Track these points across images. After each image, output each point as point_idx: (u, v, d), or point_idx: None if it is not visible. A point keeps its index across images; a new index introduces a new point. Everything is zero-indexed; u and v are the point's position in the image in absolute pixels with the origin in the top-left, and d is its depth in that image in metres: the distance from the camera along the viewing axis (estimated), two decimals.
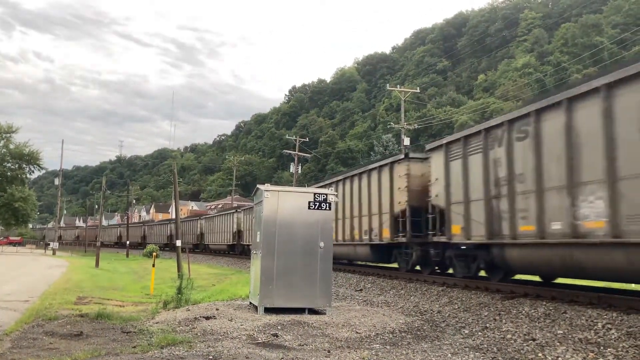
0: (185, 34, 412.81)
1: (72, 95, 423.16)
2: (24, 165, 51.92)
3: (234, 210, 40.21)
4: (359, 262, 21.93)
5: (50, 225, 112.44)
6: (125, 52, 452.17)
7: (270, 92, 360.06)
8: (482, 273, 13.25)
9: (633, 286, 11.36)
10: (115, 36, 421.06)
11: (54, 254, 51.28)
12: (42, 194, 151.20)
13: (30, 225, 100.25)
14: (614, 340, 7.13)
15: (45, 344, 7.41)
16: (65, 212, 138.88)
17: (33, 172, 53.47)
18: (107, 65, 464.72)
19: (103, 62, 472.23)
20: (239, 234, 37.93)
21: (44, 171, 62.93)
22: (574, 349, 7.01)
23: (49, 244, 61.20)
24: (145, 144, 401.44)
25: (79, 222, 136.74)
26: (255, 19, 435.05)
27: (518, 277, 13.40)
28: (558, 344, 7.33)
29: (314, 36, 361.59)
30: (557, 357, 6.78)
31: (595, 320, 8.05)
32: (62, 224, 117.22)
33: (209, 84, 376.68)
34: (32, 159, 51.48)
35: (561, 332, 7.89)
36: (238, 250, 38.39)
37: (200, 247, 49.40)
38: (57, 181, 63.68)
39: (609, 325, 7.70)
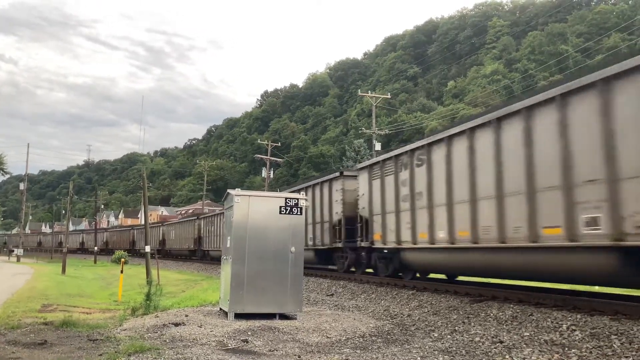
0: (154, 37, 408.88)
1: (37, 99, 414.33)
2: None
3: (195, 218, 42.43)
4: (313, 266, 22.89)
5: (14, 231, 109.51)
6: (92, 55, 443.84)
7: (241, 96, 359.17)
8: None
9: (597, 288, 11.64)
10: (82, 39, 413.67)
11: (18, 260, 49.91)
12: (7, 199, 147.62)
13: None
14: (578, 342, 7.29)
15: (7, 354, 7.20)
16: (30, 217, 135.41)
17: None
18: (73, 68, 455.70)
19: (70, 65, 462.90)
20: (199, 239, 39.59)
21: (8, 176, 61.17)
22: (539, 351, 7.14)
23: (12, 251, 59.51)
24: (113, 148, 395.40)
25: (45, 228, 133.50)
26: (225, 23, 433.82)
27: (486, 280, 13.62)
28: (524, 345, 7.46)
29: (285, 41, 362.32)
30: (524, 358, 6.89)
31: (560, 322, 8.21)
32: (27, 230, 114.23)
33: (178, 88, 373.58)
34: None
35: (528, 334, 8.03)
36: (199, 255, 40.43)
37: (162, 253, 49.61)
38: (22, 186, 62.10)
39: (574, 327, 7.87)
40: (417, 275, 15.23)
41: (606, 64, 8.41)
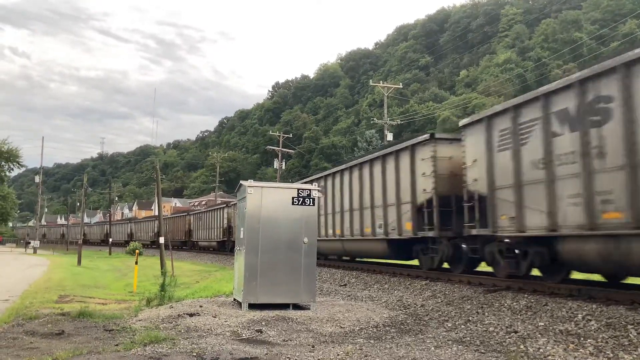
0: (165, 29, 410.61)
1: (50, 92, 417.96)
2: (3, 163, 50.91)
3: (153, 218, 50.78)
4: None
5: (31, 223, 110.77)
6: (104, 48, 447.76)
7: (252, 88, 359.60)
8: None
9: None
10: (93, 32, 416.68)
11: (34, 252, 50.58)
12: (22, 192, 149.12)
13: (10, 224, 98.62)
14: (594, 332, 7.24)
15: (26, 344, 7.30)
16: (46, 210, 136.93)
17: (12, 170, 52.32)
18: (85, 61, 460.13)
19: (81, 58, 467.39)
20: (157, 234, 49.29)
21: (23, 169, 61.71)
22: (554, 341, 7.10)
23: (29, 243, 60.26)
24: (126, 140, 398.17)
25: (61, 220, 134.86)
26: (236, 14, 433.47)
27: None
28: (539, 335, 7.43)
29: (296, 32, 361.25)
30: (539, 348, 6.86)
31: (575, 312, 8.16)
32: (43, 222, 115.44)
33: (190, 80, 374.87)
34: (11, 156, 50.48)
35: (542, 324, 7.99)
36: (156, 245, 47.53)
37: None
38: (37, 179, 62.80)
39: (589, 317, 7.81)
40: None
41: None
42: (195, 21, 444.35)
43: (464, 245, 12.82)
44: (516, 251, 10.87)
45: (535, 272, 11.06)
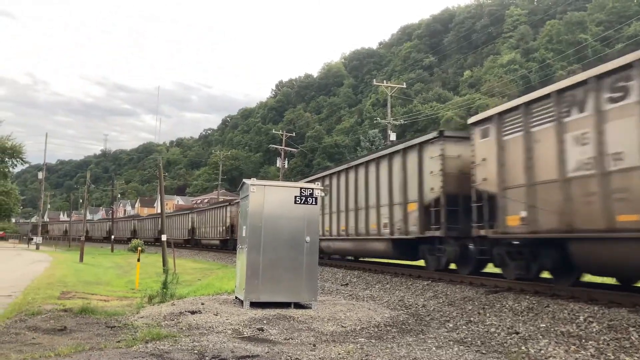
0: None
1: (53, 88, 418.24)
2: (7, 159, 51.04)
3: (130, 218, 58.89)
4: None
5: (34, 219, 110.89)
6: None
7: (256, 86, 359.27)
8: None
9: (614, 280, 11.52)
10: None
11: (37, 248, 50.72)
12: (26, 188, 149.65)
13: (13, 220, 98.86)
14: (595, 333, 7.24)
15: (28, 339, 7.33)
16: (49, 206, 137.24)
17: (16, 166, 52.49)
18: (89, 57, 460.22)
19: (85, 55, 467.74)
20: (134, 232, 61.65)
21: (27, 165, 61.96)
22: (556, 342, 7.10)
23: (32, 239, 60.41)
24: (129, 137, 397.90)
25: (63, 217, 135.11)
26: (240, 12, 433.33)
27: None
28: (540, 337, 7.42)
29: (300, 30, 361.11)
30: (540, 350, 6.86)
31: (577, 314, 8.16)
32: (46, 218, 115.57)
33: (193, 77, 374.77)
34: (14, 152, 50.60)
35: (544, 325, 7.99)
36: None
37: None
38: (40, 175, 62.91)
39: (591, 319, 7.81)
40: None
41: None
42: (197, 19, 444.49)
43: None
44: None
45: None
